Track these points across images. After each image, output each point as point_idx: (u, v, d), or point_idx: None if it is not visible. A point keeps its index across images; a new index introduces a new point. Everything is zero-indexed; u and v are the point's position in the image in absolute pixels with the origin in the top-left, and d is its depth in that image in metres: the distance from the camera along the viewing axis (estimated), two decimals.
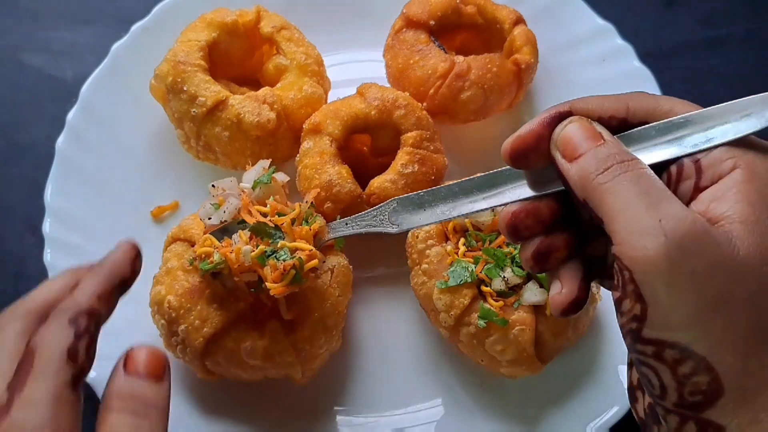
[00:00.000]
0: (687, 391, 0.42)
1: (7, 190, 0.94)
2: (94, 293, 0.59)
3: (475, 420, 0.77)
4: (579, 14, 0.96)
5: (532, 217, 0.51)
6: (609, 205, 0.44)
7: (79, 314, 0.57)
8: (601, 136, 0.47)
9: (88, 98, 0.90)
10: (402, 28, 0.88)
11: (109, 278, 0.60)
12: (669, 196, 0.43)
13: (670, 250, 0.41)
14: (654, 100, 0.49)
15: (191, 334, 0.69)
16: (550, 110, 0.50)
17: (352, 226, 0.67)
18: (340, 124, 0.80)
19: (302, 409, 0.77)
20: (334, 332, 0.74)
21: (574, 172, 0.46)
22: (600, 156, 0.46)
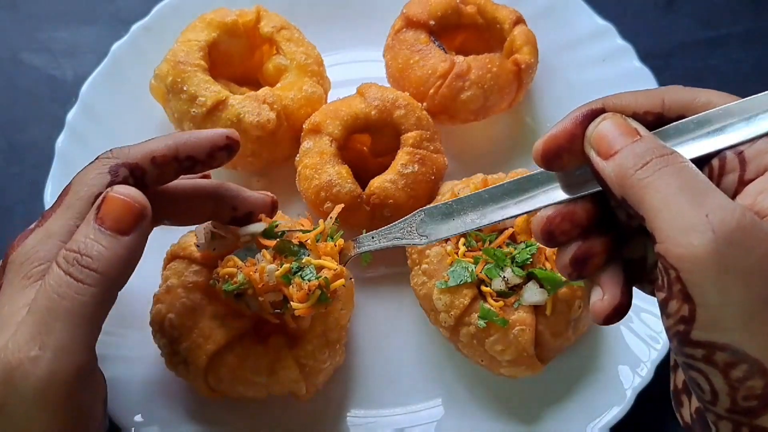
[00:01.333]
0: (741, 396, 0.40)
1: (7, 190, 0.94)
2: (150, 153, 0.60)
3: (475, 420, 0.76)
4: (579, 14, 0.96)
5: (568, 221, 0.49)
6: (650, 201, 0.42)
7: (121, 166, 0.58)
8: (637, 131, 0.45)
9: (88, 98, 0.90)
10: (402, 28, 0.88)
11: (174, 146, 0.61)
12: (713, 189, 0.41)
13: (719, 246, 0.39)
14: (690, 93, 0.47)
15: (194, 352, 0.68)
16: (583, 108, 0.48)
17: (379, 240, 0.65)
18: (340, 124, 0.80)
19: (302, 409, 0.76)
20: (338, 346, 0.74)
21: (611, 169, 0.45)
22: (638, 151, 0.44)
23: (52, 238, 0.55)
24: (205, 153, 0.62)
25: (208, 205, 0.67)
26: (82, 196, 0.56)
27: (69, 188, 0.57)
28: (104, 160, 0.58)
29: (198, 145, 0.61)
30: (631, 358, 0.77)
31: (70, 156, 0.87)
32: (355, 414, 0.77)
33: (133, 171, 0.59)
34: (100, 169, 0.57)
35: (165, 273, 0.72)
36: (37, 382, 0.50)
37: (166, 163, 0.60)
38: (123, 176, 0.58)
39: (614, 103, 0.48)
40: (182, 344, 0.68)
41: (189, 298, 0.70)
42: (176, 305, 0.69)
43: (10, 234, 0.90)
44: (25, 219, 0.91)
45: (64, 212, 0.56)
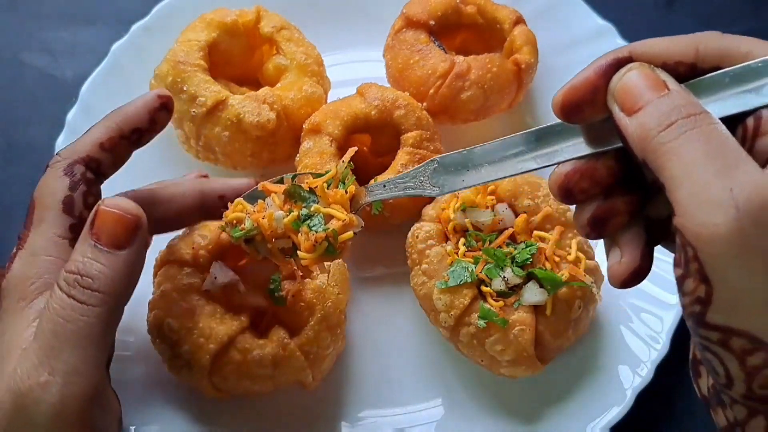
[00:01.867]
0: (757, 384, 0.38)
1: (7, 190, 0.94)
2: (95, 141, 0.59)
3: (475, 420, 0.76)
4: (579, 14, 0.96)
5: (588, 179, 0.45)
6: (672, 169, 0.38)
7: (74, 163, 0.58)
8: (665, 84, 0.41)
9: (88, 98, 0.90)
10: (402, 28, 0.88)
11: (116, 126, 0.60)
12: (744, 158, 0.38)
13: (742, 225, 0.36)
14: (730, 41, 0.42)
15: (196, 353, 0.68)
16: (608, 56, 0.45)
17: (390, 189, 0.60)
18: (340, 124, 0.80)
19: (302, 409, 0.76)
20: (338, 331, 0.74)
21: (634, 128, 0.41)
22: (663, 109, 0.40)
23: (37, 256, 0.55)
24: (146, 120, 0.62)
25: (197, 201, 0.67)
26: (48, 206, 0.56)
27: (33, 203, 0.57)
28: (56, 165, 0.58)
29: (137, 114, 0.61)
30: (631, 358, 0.77)
31: None
32: (355, 414, 0.77)
33: (87, 164, 0.59)
34: (56, 173, 0.57)
35: (157, 279, 0.72)
36: (49, 407, 0.49)
37: (115, 144, 0.60)
38: (80, 173, 0.58)
39: (642, 51, 0.44)
40: (183, 347, 0.68)
41: (185, 301, 0.69)
42: (173, 309, 0.69)
43: (10, 234, 0.91)
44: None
45: (39, 227, 0.56)
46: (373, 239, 0.83)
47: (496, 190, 0.76)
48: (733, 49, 0.42)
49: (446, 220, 0.76)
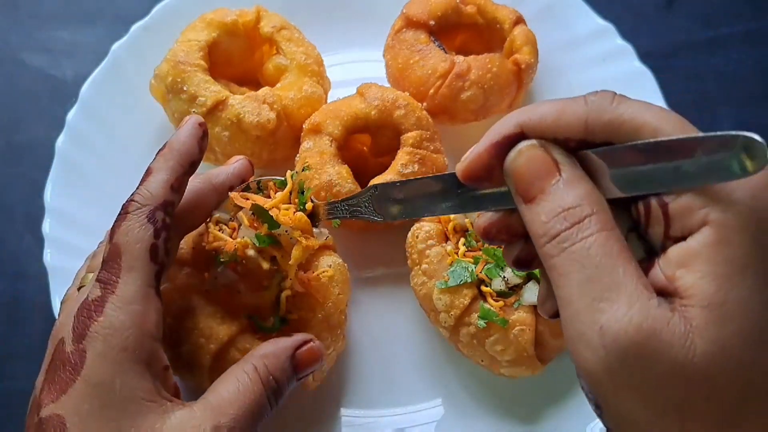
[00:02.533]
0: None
1: (7, 190, 0.94)
2: (167, 184, 0.59)
3: (475, 420, 0.76)
4: (579, 14, 0.96)
5: (505, 232, 0.46)
6: (557, 288, 0.39)
7: (156, 209, 0.58)
8: (558, 167, 0.40)
9: (88, 98, 0.90)
10: (402, 28, 0.88)
11: (179, 165, 0.61)
12: (618, 285, 0.37)
13: (611, 365, 0.36)
14: (622, 112, 0.39)
15: (196, 354, 0.68)
16: (497, 132, 0.43)
17: (342, 210, 0.63)
18: (340, 124, 0.80)
19: (302, 410, 0.76)
20: (339, 331, 0.74)
21: (527, 222, 0.41)
22: (549, 212, 0.39)
23: (130, 305, 0.55)
24: (198, 151, 0.62)
25: (212, 198, 0.68)
26: (137, 254, 0.56)
27: (119, 249, 0.57)
28: (137, 212, 0.58)
29: (190, 148, 0.62)
30: None
31: (70, 156, 0.87)
32: (355, 414, 0.77)
33: (165, 209, 0.59)
34: (139, 220, 0.57)
35: None
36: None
37: (182, 183, 0.61)
38: (160, 219, 0.58)
39: (532, 127, 0.41)
40: (183, 347, 0.68)
41: (184, 301, 0.69)
42: (172, 309, 0.69)
43: (10, 234, 0.91)
44: (25, 219, 0.91)
45: (129, 275, 0.56)
46: (373, 239, 0.83)
47: None
48: (625, 123, 0.39)
49: (446, 220, 0.76)
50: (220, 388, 0.59)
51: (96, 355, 0.53)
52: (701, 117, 0.99)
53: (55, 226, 0.82)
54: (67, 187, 0.85)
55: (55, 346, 0.55)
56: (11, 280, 0.89)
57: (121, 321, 0.54)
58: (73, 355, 0.53)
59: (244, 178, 0.69)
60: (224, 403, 0.56)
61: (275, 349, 0.63)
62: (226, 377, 0.60)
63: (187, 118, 0.64)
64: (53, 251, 0.81)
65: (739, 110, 1.00)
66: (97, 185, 0.87)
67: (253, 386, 0.59)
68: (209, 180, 0.68)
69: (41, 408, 0.53)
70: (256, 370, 0.60)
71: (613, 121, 0.39)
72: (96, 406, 0.52)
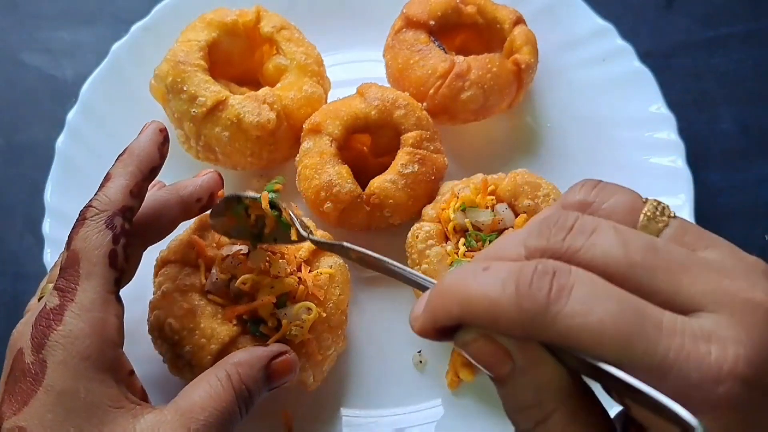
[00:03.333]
0: None
1: (7, 190, 0.94)
2: (125, 189, 0.59)
3: (475, 420, 0.76)
4: (579, 14, 0.96)
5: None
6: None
7: (114, 215, 0.58)
8: (507, 355, 0.37)
9: (88, 98, 0.90)
10: (402, 28, 0.88)
11: (138, 170, 0.61)
12: None
13: None
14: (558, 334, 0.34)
15: (198, 353, 0.68)
16: (434, 318, 0.39)
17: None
18: (340, 124, 0.80)
19: (302, 410, 0.76)
20: (340, 331, 0.74)
21: (502, 401, 0.39)
22: (512, 407, 0.38)
23: (89, 312, 0.54)
24: (158, 157, 0.63)
25: (177, 210, 0.68)
26: (94, 261, 0.56)
27: (77, 256, 0.56)
28: (95, 218, 0.57)
29: (150, 154, 0.62)
30: None
31: (70, 156, 0.87)
32: (355, 414, 0.77)
33: (124, 215, 0.59)
34: (97, 226, 0.57)
35: (158, 279, 0.72)
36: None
37: (141, 188, 0.61)
38: (119, 225, 0.58)
39: (470, 319, 0.37)
40: (185, 347, 0.68)
41: (186, 301, 0.69)
42: (174, 309, 0.69)
43: (10, 234, 0.91)
44: (25, 219, 0.91)
45: (88, 282, 0.55)
46: (373, 239, 0.83)
47: (496, 190, 0.76)
48: (566, 343, 0.34)
49: (446, 220, 0.76)
50: (192, 392, 0.58)
51: (57, 364, 0.52)
52: (701, 117, 0.99)
53: (55, 226, 0.82)
54: (67, 187, 0.85)
55: (13, 357, 0.55)
56: (11, 280, 0.89)
57: (81, 329, 0.53)
58: (33, 365, 0.53)
59: (212, 192, 0.70)
60: (195, 408, 0.56)
61: (249, 358, 0.62)
62: (197, 382, 0.59)
63: (147, 124, 0.64)
64: (53, 251, 0.81)
65: (739, 110, 1.00)
66: (97, 185, 0.85)
67: (224, 393, 0.58)
68: (176, 191, 0.68)
69: (2, 421, 0.52)
70: (229, 377, 0.60)
71: (552, 338, 0.34)
72: (60, 414, 0.51)
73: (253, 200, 0.67)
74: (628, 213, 0.38)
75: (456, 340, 0.39)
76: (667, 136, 0.88)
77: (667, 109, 0.89)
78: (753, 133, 0.98)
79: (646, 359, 0.32)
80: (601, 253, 0.35)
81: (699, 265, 0.35)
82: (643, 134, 0.89)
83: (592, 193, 0.39)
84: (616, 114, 0.91)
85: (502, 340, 0.37)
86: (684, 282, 0.34)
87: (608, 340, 0.33)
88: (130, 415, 0.54)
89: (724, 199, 0.94)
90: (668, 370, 0.32)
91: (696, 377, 0.31)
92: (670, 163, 0.86)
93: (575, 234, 0.36)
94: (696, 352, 0.32)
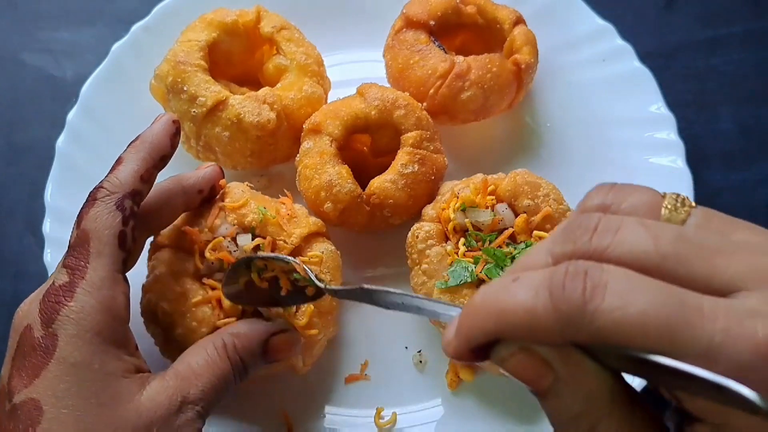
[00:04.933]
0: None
1: (7, 190, 0.94)
2: (136, 173, 0.61)
3: (475, 420, 0.76)
4: (579, 14, 0.96)
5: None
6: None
7: (124, 197, 0.60)
8: (549, 366, 0.36)
9: (88, 98, 0.90)
10: (402, 28, 0.88)
11: (149, 156, 0.63)
12: None
13: None
14: (597, 330, 0.33)
15: (189, 337, 0.68)
16: (469, 337, 0.39)
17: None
18: (340, 124, 0.80)
19: (302, 410, 0.76)
20: (330, 317, 0.74)
21: (548, 413, 0.38)
22: (558, 418, 0.37)
23: (99, 290, 0.56)
24: (169, 146, 0.64)
25: (180, 199, 0.69)
26: (105, 240, 0.57)
27: (87, 235, 0.58)
28: (105, 199, 0.59)
29: (161, 142, 0.64)
30: None
31: (70, 156, 0.87)
32: (354, 414, 0.77)
33: (133, 198, 0.60)
34: (108, 207, 0.58)
35: (151, 263, 0.72)
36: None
37: (151, 174, 0.63)
38: (129, 207, 0.60)
39: (506, 333, 0.37)
40: (176, 331, 0.69)
41: (179, 285, 0.70)
42: (167, 293, 0.69)
43: (10, 234, 0.91)
44: (26, 219, 0.91)
45: (98, 260, 0.57)
46: (373, 239, 0.83)
47: (496, 190, 0.76)
48: (608, 339, 0.34)
49: (446, 220, 0.76)
50: (189, 359, 0.60)
51: (69, 337, 0.53)
52: (701, 117, 0.99)
53: (55, 226, 0.82)
54: (67, 187, 0.85)
55: (20, 334, 0.55)
56: (12, 280, 0.89)
57: (92, 305, 0.55)
58: (43, 339, 0.54)
59: (213, 183, 0.71)
60: (192, 375, 0.59)
61: (248, 331, 0.64)
62: (195, 349, 0.62)
63: (161, 115, 0.66)
64: (53, 251, 0.81)
65: (739, 110, 1.00)
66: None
67: (221, 362, 0.60)
68: (179, 182, 0.69)
69: (13, 395, 0.53)
70: (225, 346, 0.62)
71: (593, 336, 0.33)
72: (73, 384, 0.52)
73: (266, 260, 0.67)
74: (649, 209, 0.38)
75: (493, 356, 0.38)
76: (666, 136, 0.88)
77: (667, 110, 0.89)
78: (753, 133, 0.98)
79: (693, 345, 0.31)
80: (630, 248, 0.35)
81: (732, 247, 0.35)
82: (643, 134, 0.89)
83: (609, 195, 0.39)
84: (616, 114, 0.91)
85: (542, 351, 0.36)
86: (719, 265, 0.34)
87: (652, 330, 0.32)
88: (139, 382, 0.56)
89: (724, 199, 0.94)
90: (717, 353, 0.31)
91: (747, 356, 0.31)
92: (669, 163, 0.86)
93: (601, 233, 0.36)
94: (743, 331, 0.31)
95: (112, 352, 0.55)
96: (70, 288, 0.55)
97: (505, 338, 0.37)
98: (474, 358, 0.39)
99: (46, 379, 0.52)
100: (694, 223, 0.37)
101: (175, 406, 0.56)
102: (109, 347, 0.55)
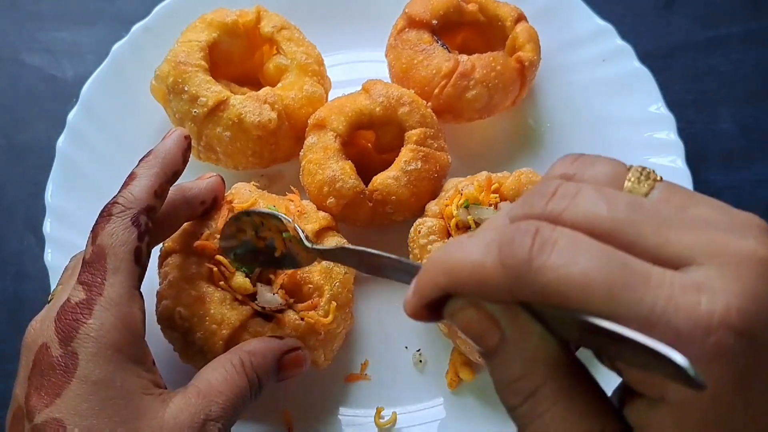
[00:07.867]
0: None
1: (7, 190, 0.94)
2: (150, 189, 0.61)
3: (476, 420, 0.76)
4: (579, 14, 0.96)
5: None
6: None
7: (140, 213, 0.59)
8: (496, 324, 0.37)
9: (88, 98, 0.90)
10: (404, 27, 0.88)
11: (162, 172, 0.62)
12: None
13: None
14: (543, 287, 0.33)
15: (209, 340, 0.68)
16: (422, 294, 0.39)
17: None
18: (345, 120, 0.80)
19: (302, 410, 0.76)
20: (347, 309, 0.74)
21: (491, 376, 0.38)
22: (500, 380, 0.38)
23: (117, 307, 0.55)
24: (181, 161, 0.64)
25: (184, 211, 0.69)
26: (122, 256, 0.57)
27: (103, 252, 0.57)
28: (121, 215, 0.59)
29: (175, 157, 0.64)
30: None
31: (70, 156, 0.87)
32: (354, 414, 0.77)
33: (148, 214, 0.60)
34: (124, 223, 0.58)
35: (163, 270, 0.72)
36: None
37: (164, 190, 0.63)
38: (144, 223, 0.59)
39: (454, 288, 0.37)
40: (196, 334, 0.69)
41: (194, 289, 0.70)
42: (183, 298, 0.69)
43: (11, 234, 0.91)
44: (26, 219, 0.91)
45: (115, 277, 0.56)
46: (375, 235, 0.84)
47: (500, 188, 0.76)
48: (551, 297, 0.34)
49: (449, 217, 0.75)
50: (208, 375, 0.60)
51: (90, 355, 0.53)
52: (701, 117, 1.00)
53: (55, 226, 0.82)
54: (67, 187, 0.85)
55: (35, 353, 0.55)
56: (12, 280, 0.89)
57: (111, 322, 0.54)
58: (62, 357, 0.53)
59: (215, 195, 0.72)
60: (213, 392, 0.58)
61: (264, 348, 0.64)
62: (213, 365, 0.61)
63: (172, 130, 0.66)
64: (53, 251, 0.81)
65: (739, 110, 1.00)
66: (97, 185, 0.86)
67: (239, 379, 0.60)
68: (182, 193, 0.69)
69: (34, 415, 0.52)
70: (243, 363, 0.62)
71: (536, 293, 0.33)
72: (96, 403, 0.52)
73: (262, 216, 0.67)
74: (613, 180, 0.38)
75: (445, 311, 0.38)
76: (666, 136, 0.88)
77: (667, 110, 0.89)
78: (753, 133, 0.98)
79: (633, 309, 0.31)
80: (584, 212, 0.34)
81: (688, 220, 0.34)
82: (643, 134, 0.89)
83: (574, 165, 0.39)
84: (616, 114, 0.91)
85: (491, 309, 0.37)
86: (672, 236, 0.33)
87: (593, 291, 0.32)
88: (160, 399, 0.56)
89: (724, 199, 0.92)
90: (657, 320, 0.31)
91: (685, 328, 0.30)
92: (669, 163, 0.86)
93: (557, 198, 0.36)
94: (685, 302, 0.31)
95: (132, 369, 0.55)
96: (87, 305, 0.55)
97: (457, 294, 0.37)
98: (429, 316, 0.39)
99: (68, 398, 0.52)
100: (656, 196, 0.37)
101: (198, 424, 0.56)
102: (129, 364, 0.55)
